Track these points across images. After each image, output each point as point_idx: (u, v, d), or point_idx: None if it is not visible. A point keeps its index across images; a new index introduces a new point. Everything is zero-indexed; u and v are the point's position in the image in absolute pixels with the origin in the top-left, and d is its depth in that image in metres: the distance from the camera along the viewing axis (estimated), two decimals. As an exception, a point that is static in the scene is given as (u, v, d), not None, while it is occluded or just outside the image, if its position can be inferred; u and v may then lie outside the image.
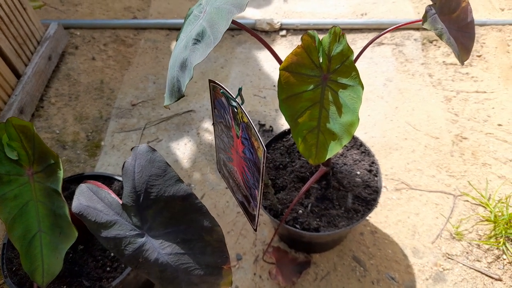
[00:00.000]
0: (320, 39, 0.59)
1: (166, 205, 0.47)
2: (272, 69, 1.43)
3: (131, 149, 0.48)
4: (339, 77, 0.60)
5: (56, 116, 1.27)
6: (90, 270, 0.72)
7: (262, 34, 1.56)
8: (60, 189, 0.54)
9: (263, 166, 0.47)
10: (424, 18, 0.59)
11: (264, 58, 1.47)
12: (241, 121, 0.48)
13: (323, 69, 0.61)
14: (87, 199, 0.48)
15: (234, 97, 0.46)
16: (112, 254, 0.74)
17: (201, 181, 1.13)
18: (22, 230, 0.54)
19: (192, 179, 1.13)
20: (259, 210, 0.55)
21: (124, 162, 0.48)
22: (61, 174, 0.54)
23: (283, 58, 1.53)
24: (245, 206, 0.61)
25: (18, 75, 1.23)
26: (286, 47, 1.51)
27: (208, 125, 1.26)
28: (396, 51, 1.49)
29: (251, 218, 0.60)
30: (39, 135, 1.23)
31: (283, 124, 1.26)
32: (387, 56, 1.48)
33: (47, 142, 1.21)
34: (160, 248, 0.48)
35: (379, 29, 1.56)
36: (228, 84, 1.39)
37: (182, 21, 1.58)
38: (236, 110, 0.48)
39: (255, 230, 0.60)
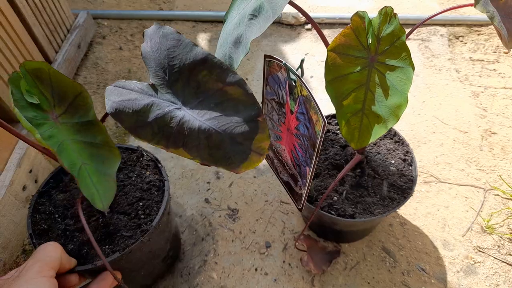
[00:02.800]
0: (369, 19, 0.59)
1: (190, 74, 0.49)
2: (298, 62, 1.43)
3: (142, 35, 0.50)
4: (387, 58, 0.60)
5: (84, 104, 1.29)
6: (126, 223, 0.73)
7: (287, 28, 1.56)
8: (91, 117, 0.55)
9: (320, 139, 0.47)
10: (476, 0, 0.59)
11: (290, 52, 1.48)
12: (299, 94, 0.48)
13: (371, 50, 0.61)
14: (118, 95, 0.49)
15: (295, 69, 0.46)
16: (141, 204, 0.75)
17: (229, 169, 1.13)
18: (68, 162, 0.54)
19: (220, 168, 1.13)
20: (308, 188, 0.55)
21: (141, 48, 0.50)
22: (89, 104, 0.54)
23: (308, 51, 1.52)
24: (291, 185, 0.61)
25: (49, 61, 1.24)
26: (311, 40, 1.51)
27: (235, 115, 1.27)
28: (422, 46, 1.49)
29: (297, 197, 0.60)
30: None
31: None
32: (413, 51, 1.47)
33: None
34: (199, 117, 0.49)
35: (405, 25, 1.56)
36: (254, 75, 1.39)
37: (208, 13, 1.59)
38: (294, 83, 0.48)
39: (301, 210, 0.60)
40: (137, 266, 0.74)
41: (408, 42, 1.50)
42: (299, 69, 0.47)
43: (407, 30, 0.61)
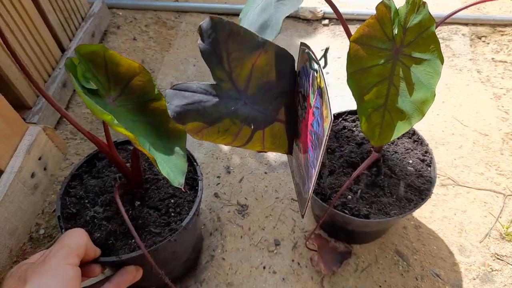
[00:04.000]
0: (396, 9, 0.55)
1: (252, 66, 0.48)
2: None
3: (198, 30, 0.48)
4: (413, 51, 0.57)
5: (96, 93, 1.27)
6: (155, 219, 0.70)
7: (304, 22, 1.53)
8: (153, 96, 0.53)
9: (326, 137, 0.44)
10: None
11: (306, 46, 1.44)
12: (318, 86, 0.45)
13: (396, 41, 0.57)
14: (180, 99, 0.47)
15: (319, 58, 0.44)
16: (172, 201, 0.72)
17: (240, 164, 1.11)
18: (141, 143, 0.52)
19: (231, 162, 1.11)
20: (311, 193, 0.52)
21: (199, 46, 0.48)
22: (149, 81, 0.52)
23: (324, 46, 1.50)
24: (299, 188, 0.58)
25: (62, 49, 1.23)
26: (328, 36, 1.48)
27: (247, 109, 1.24)
28: (443, 45, 1.44)
29: (302, 202, 0.57)
30: (80, 112, 1.22)
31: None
32: (433, 50, 1.42)
33: (87, 118, 1.21)
34: (263, 109, 0.49)
35: (425, 23, 1.51)
36: (269, 70, 1.36)
37: (224, 6, 1.56)
38: (316, 74, 0.45)
39: (302, 216, 0.57)
40: (157, 265, 0.72)
41: (428, 41, 1.46)
42: (322, 59, 0.44)
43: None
